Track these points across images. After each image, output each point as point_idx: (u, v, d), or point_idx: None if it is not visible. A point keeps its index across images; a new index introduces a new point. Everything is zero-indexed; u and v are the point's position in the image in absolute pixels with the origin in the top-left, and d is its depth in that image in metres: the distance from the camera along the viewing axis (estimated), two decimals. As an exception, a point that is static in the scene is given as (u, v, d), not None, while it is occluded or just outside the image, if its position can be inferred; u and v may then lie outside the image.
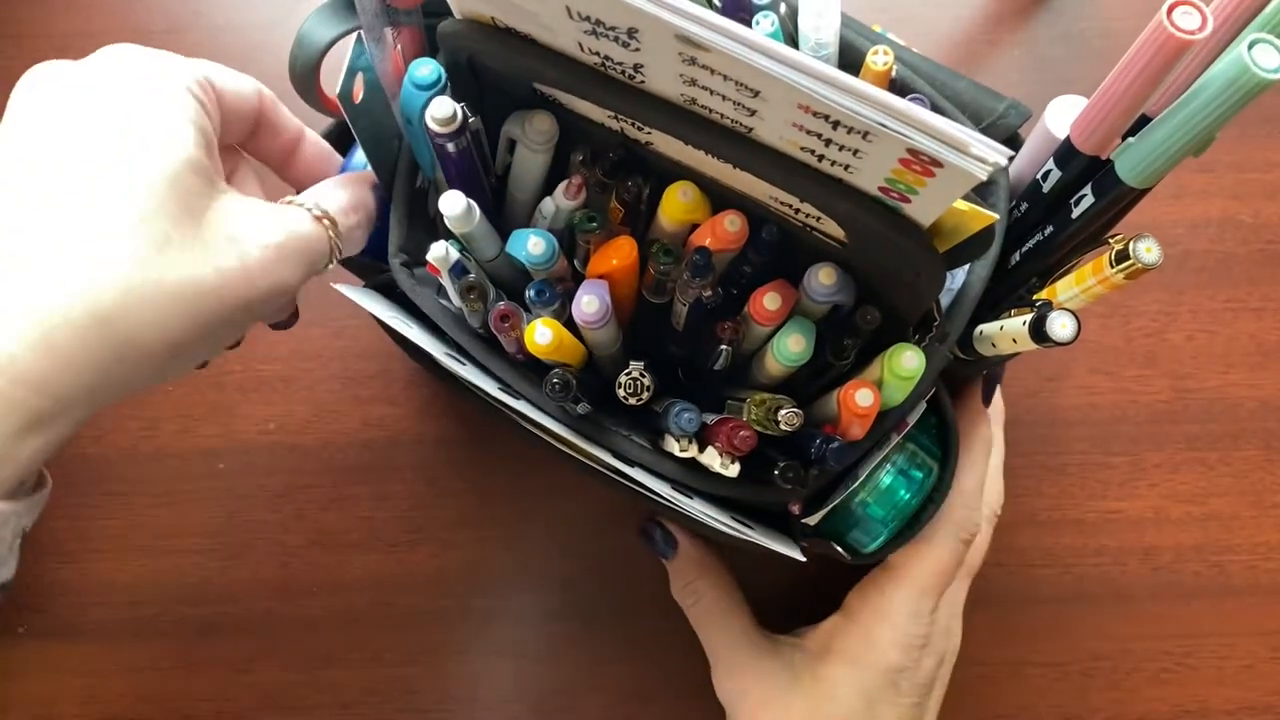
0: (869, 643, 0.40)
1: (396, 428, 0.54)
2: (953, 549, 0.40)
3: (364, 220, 0.35)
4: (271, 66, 0.36)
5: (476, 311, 0.35)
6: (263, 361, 0.55)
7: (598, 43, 0.27)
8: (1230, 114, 0.26)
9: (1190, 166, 0.41)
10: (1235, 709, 0.50)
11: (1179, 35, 0.25)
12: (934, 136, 0.23)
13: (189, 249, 0.28)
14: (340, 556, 0.52)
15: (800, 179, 0.28)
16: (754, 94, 0.25)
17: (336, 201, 0.34)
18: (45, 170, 0.27)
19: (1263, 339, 0.55)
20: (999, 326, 0.34)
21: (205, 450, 0.54)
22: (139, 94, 0.29)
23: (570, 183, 0.36)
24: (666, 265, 0.34)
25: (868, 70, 0.34)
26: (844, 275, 0.34)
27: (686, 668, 0.51)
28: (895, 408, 0.35)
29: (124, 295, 0.26)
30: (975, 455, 0.41)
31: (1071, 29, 0.60)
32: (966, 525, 0.40)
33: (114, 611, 0.52)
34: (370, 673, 0.51)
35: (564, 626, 0.52)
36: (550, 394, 0.34)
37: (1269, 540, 0.52)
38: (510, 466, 0.54)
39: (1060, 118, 0.34)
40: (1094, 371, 0.55)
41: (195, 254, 0.28)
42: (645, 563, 0.52)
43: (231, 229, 0.29)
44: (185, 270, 0.27)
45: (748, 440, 0.33)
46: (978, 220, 0.28)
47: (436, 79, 0.32)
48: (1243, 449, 0.53)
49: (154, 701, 0.51)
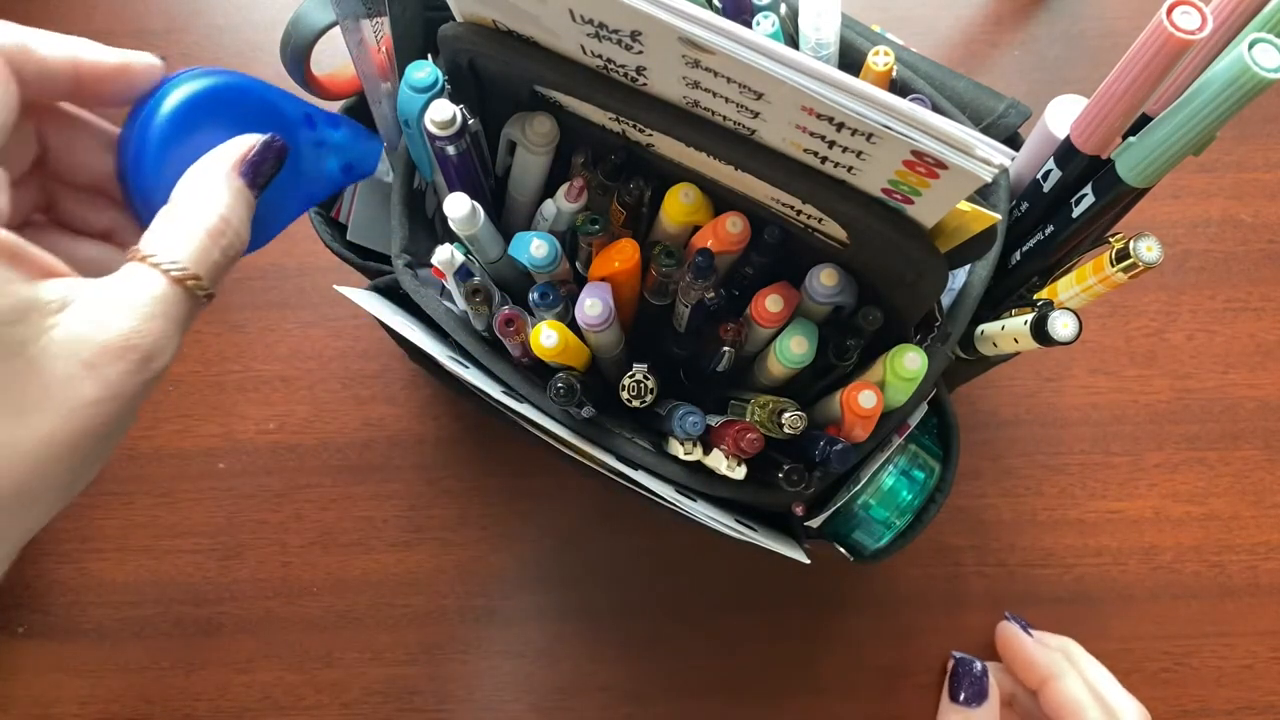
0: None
1: (396, 428, 0.54)
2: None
3: (230, 241, 0.28)
4: (270, 66, 0.36)
5: (481, 314, 0.35)
6: (263, 361, 0.55)
7: (600, 45, 0.27)
8: (1230, 114, 0.26)
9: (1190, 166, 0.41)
10: (1235, 709, 0.50)
11: (1179, 35, 0.25)
12: (939, 139, 0.23)
13: (41, 406, 0.24)
14: (340, 556, 0.52)
15: (803, 181, 0.28)
16: (757, 96, 0.25)
17: (196, 236, 0.27)
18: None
19: (1263, 339, 0.55)
20: (1000, 326, 0.34)
21: (205, 450, 0.54)
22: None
23: (572, 185, 0.36)
24: (668, 267, 0.34)
25: (868, 71, 0.34)
26: (846, 276, 0.34)
27: (686, 668, 0.51)
28: (898, 409, 0.35)
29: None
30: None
31: (1071, 29, 0.60)
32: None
33: (114, 611, 0.52)
34: (370, 673, 0.51)
35: (564, 626, 0.52)
36: (555, 398, 0.34)
37: (1269, 540, 0.52)
38: (510, 467, 0.54)
39: (1060, 118, 0.34)
40: (1094, 371, 0.55)
41: (55, 405, 0.24)
42: (645, 563, 0.52)
43: (83, 351, 0.24)
44: (49, 425, 0.24)
45: (755, 443, 0.33)
46: (980, 221, 0.28)
47: (434, 82, 0.32)
48: (1243, 449, 0.53)
49: (154, 701, 0.51)
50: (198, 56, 0.60)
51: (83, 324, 0.24)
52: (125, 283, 0.26)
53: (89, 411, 0.25)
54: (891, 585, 0.52)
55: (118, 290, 0.25)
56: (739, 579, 0.52)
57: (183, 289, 0.26)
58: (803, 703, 0.50)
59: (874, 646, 0.51)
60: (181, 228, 0.27)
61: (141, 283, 0.26)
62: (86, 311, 0.25)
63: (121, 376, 0.25)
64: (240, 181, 0.28)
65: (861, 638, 0.51)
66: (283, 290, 0.56)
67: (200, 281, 0.27)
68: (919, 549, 0.49)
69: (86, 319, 0.25)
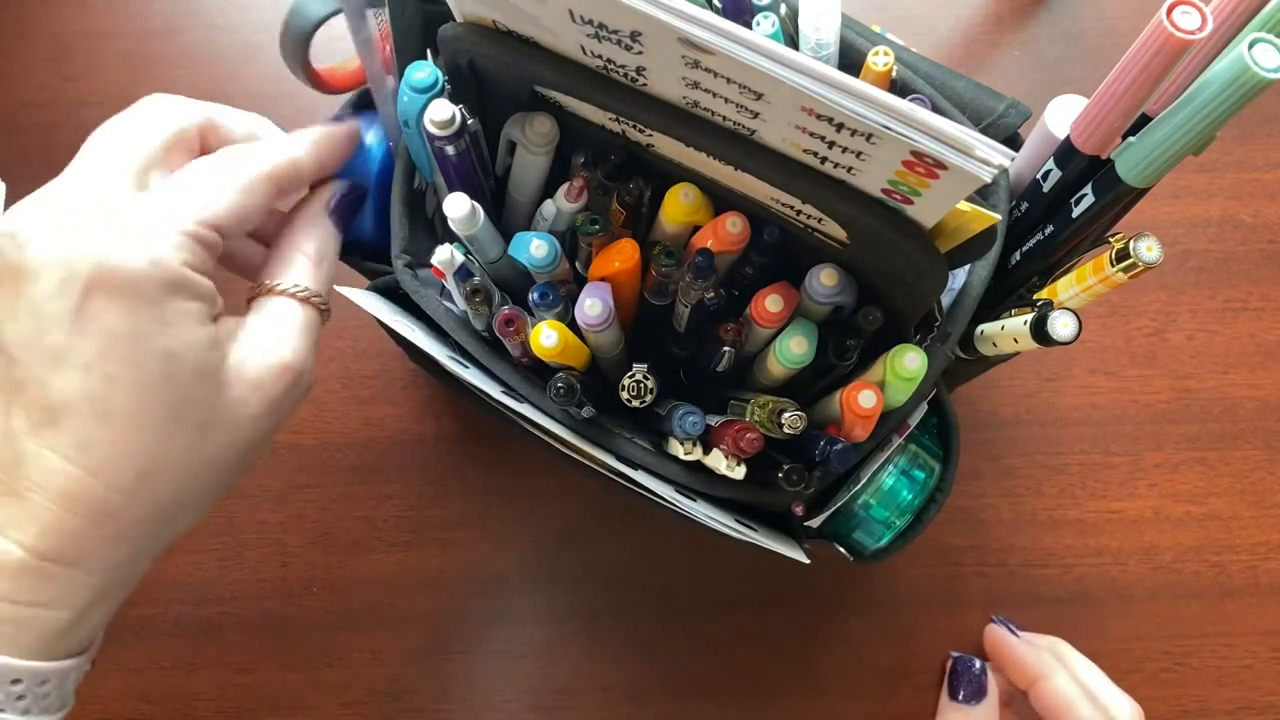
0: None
1: (396, 428, 0.54)
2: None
3: (333, 260, 0.34)
4: (269, 66, 0.36)
5: (481, 314, 0.35)
6: (263, 362, 0.55)
7: (600, 46, 0.27)
8: (1230, 114, 0.26)
9: (1190, 166, 0.41)
10: (1235, 709, 0.50)
11: (1179, 35, 0.25)
12: (939, 139, 0.23)
13: (219, 422, 0.28)
14: (340, 556, 0.52)
15: (802, 181, 0.28)
16: (757, 96, 0.25)
17: (308, 265, 0.32)
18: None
19: (1263, 339, 0.55)
20: (1000, 326, 0.34)
21: (205, 451, 0.54)
22: (126, 295, 0.26)
23: (571, 185, 0.36)
24: (668, 267, 0.34)
25: (868, 71, 0.34)
26: (846, 276, 0.34)
27: (686, 668, 0.51)
28: (898, 409, 0.35)
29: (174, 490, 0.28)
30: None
31: (1071, 29, 0.60)
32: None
33: (114, 612, 0.52)
34: (370, 673, 0.51)
35: (564, 626, 0.52)
36: (555, 398, 0.34)
37: (1269, 540, 0.52)
38: (510, 466, 0.54)
39: (1060, 118, 0.34)
40: (1094, 371, 0.55)
41: (227, 422, 0.28)
42: (645, 563, 0.52)
43: (249, 374, 0.29)
44: (222, 439, 0.28)
45: (754, 443, 0.33)
46: (980, 221, 0.28)
47: (434, 82, 0.32)
48: (1243, 449, 0.53)
49: (154, 701, 0.51)
50: (197, 56, 0.60)
51: (249, 351, 0.29)
52: (272, 314, 0.31)
53: (256, 426, 0.29)
54: (891, 585, 0.52)
55: (267, 321, 0.30)
56: (739, 579, 0.52)
57: (312, 308, 0.31)
58: (803, 703, 0.50)
59: (874, 646, 0.51)
60: (294, 261, 0.32)
61: (281, 310, 0.31)
62: (251, 340, 0.30)
63: (281, 394, 0.30)
64: (329, 221, 0.34)
65: (861, 638, 0.51)
66: None
67: (323, 298, 0.32)
68: (919, 549, 0.49)
69: (252, 346, 0.29)
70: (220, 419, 0.28)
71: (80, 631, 0.28)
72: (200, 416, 0.28)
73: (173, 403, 0.27)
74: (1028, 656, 0.47)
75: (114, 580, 0.28)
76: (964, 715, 0.46)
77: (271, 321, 0.30)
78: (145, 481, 0.27)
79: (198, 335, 0.28)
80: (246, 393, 0.29)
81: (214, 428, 0.28)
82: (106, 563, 0.28)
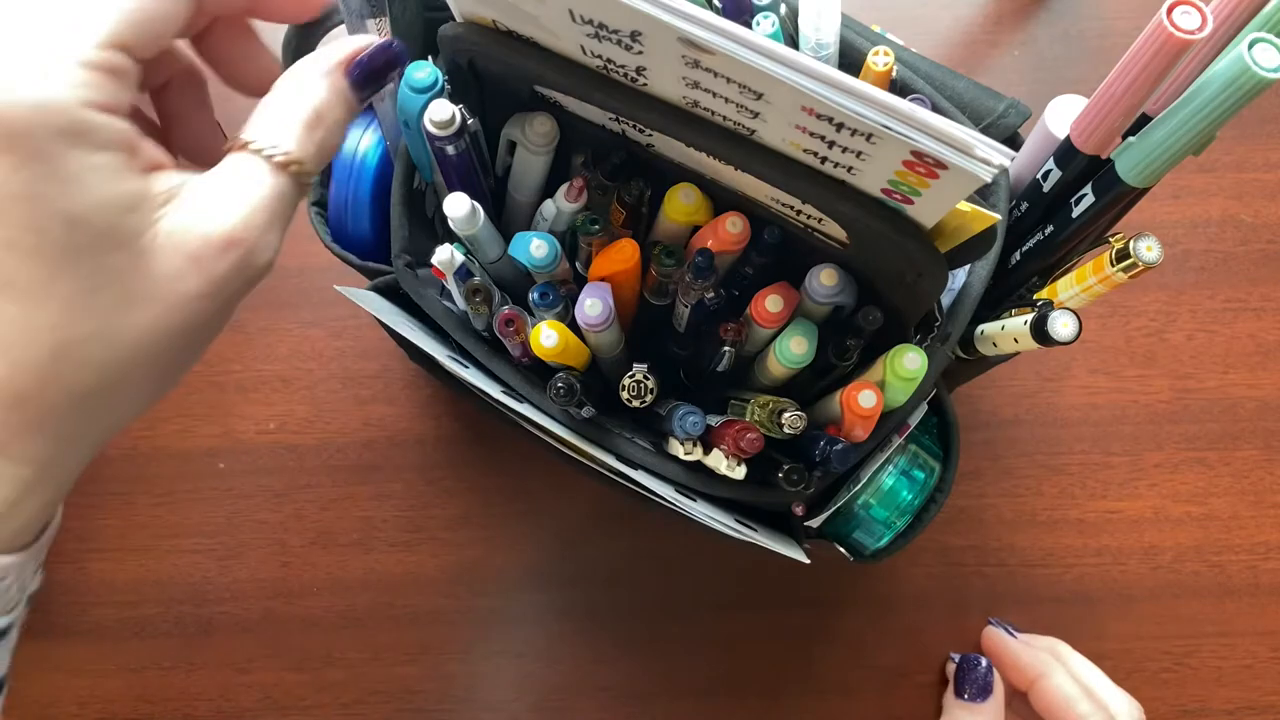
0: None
1: (396, 428, 0.54)
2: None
3: (333, 130, 0.28)
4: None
5: (481, 314, 0.35)
6: (263, 361, 0.55)
7: (600, 46, 0.27)
8: (1230, 113, 0.26)
9: (1190, 166, 0.41)
10: (1235, 709, 0.50)
11: (1179, 35, 0.25)
12: (939, 139, 0.23)
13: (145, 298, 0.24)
14: (340, 556, 0.52)
15: (802, 181, 0.28)
16: (757, 96, 0.25)
17: (296, 124, 0.27)
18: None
19: (1263, 339, 0.55)
20: (1000, 326, 0.34)
21: (205, 450, 0.54)
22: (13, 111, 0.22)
23: (572, 185, 0.36)
24: (668, 267, 0.34)
25: (868, 71, 0.34)
26: (846, 276, 0.34)
27: (686, 668, 0.51)
28: (898, 408, 0.35)
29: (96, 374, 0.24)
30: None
31: (1071, 29, 0.60)
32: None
33: (114, 611, 0.52)
34: (370, 673, 0.51)
35: (564, 626, 0.52)
36: (555, 398, 0.34)
37: (1269, 540, 0.52)
38: (510, 466, 0.54)
39: (1060, 118, 0.34)
40: (1094, 371, 0.55)
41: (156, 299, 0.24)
42: (645, 563, 0.52)
43: (186, 244, 0.24)
44: (151, 318, 0.24)
45: (755, 443, 0.33)
46: (980, 221, 0.28)
47: (433, 82, 0.32)
48: (1243, 449, 0.53)
49: (154, 701, 0.51)
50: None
51: (188, 217, 0.24)
52: (228, 174, 0.25)
53: (191, 307, 0.25)
54: (891, 585, 0.52)
55: (222, 182, 0.25)
56: (739, 579, 0.52)
57: (285, 175, 0.26)
58: (803, 702, 0.50)
59: (874, 646, 0.51)
60: (278, 115, 0.26)
61: (244, 172, 0.25)
62: (192, 204, 0.25)
63: (225, 272, 0.25)
64: (344, 82, 0.28)
65: (861, 638, 0.51)
66: (282, 290, 0.56)
67: (303, 165, 0.26)
68: (919, 549, 0.49)
69: (192, 212, 0.24)
70: (147, 294, 0.24)
71: (10, 525, 0.25)
72: (121, 290, 0.24)
73: (87, 275, 0.23)
74: (1026, 657, 0.47)
75: (41, 471, 0.25)
76: (970, 714, 0.46)
77: (227, 183, 0.25)
78: (59, 363, 0.24)
79: (109, 194, 0.23)
80: (182, 266, 0.24)
81: (139, 304, 0.24)
82: (27, 453, 0.24)
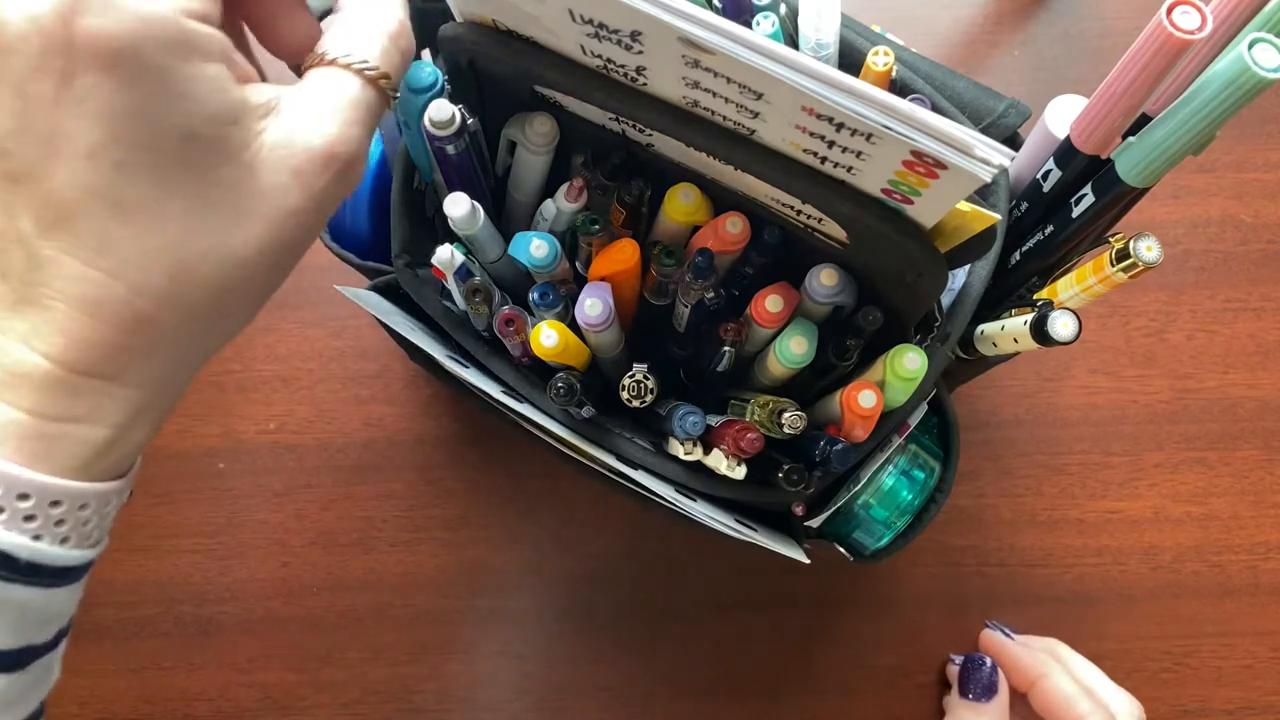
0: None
1: (396, 428, 0.54)
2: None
3: (408, 44, 0.28)
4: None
5: (481, 314, 0.35)
6: (263, 361, 0.55)
7: (600, 45, 0.27)
8: (1230, 113, 0.26)
9: (1190, 166, 0.41)
10: (1235, 709, 0.50)
11: (1179, 35, 0.25)
12: (938, 139, 0.23)
13: (255, 213, 0.24)
14: (340, 556, 0.52)
15: (802, 181, 0.28)
16: (757, 96, 0.25)
17: (381, 39, 0.26)
18: None
19: (1263, 339, 0.55)
20: (1000, 326, 0.34)
21: (205, 450, 0.54)
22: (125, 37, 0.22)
23: (571, 185, 0.36)
24: (668, 267, 0.34)
25: (868, 71, 0.34)
26: (846, 276, 0.34)
27: (686, 668, 0.51)
28: (898, 408, 0.35)
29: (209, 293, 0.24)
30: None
31: (1071, 29, 0.60)
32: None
33: (114, 611, 0.52)
34: (370, 673, 0.51)
35: (564, 626, 0.52)
36: (555, 398, 0.34)
37: (1269, 540, 0.52)
38: (510, 466, 0.54)
39: (1060, 118, 0.34)
40: (1094, 371, 0.55)
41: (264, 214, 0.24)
42: (645, 563, 0.52)
43: (290, 159, 0.24)
44: (260, 232, 0.24)
45: (755, 443, 0.33)
46: (980, 221, 0.28)
47: (434, 82, 0.32)
48: (1243, 449, 0.53)
49: (154, 701, 0.51)
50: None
51: (289, 130, 0.24)
52: (321, 88, 0.25)
53: (294, 220, 0.25)
54: (891, 585, 0.52)
55: (317, 95, 0.25)
56: (739, 579, 0.52)
57: (375, 89, 0.26)
58: (803, 702, 0.50)
59: (874, 646, 0.51)
60: (364, 30, 0.26)
61: (336, 86, 0.25)
62: (291, 118, 0.24)
63: (326, 185, 0.25)
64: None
65: (861, 638, 0.51)
66: (282, 290, 0.55)
67: (390, 80, 0.26)
68: (919, 549, 0.49)
69: (292, 125, 0.24)
70: (256, 210, 0.24)
71: (119, 450, 0.25)
72: (232, 206, 0.24)
73: (198, 192, 0.23)
74: (1025, 658, 0.47)
75: (154, 395, 0.25)
76: (976, 714, 0.46)
77: (321, 97, 0.25)
78: (176, 283, 0.24)
79: (217, 107, 0.23)
80: (287, 180, 0.24)
81: (249, 219, 0.24)
82: (144, 376, 0.25)
